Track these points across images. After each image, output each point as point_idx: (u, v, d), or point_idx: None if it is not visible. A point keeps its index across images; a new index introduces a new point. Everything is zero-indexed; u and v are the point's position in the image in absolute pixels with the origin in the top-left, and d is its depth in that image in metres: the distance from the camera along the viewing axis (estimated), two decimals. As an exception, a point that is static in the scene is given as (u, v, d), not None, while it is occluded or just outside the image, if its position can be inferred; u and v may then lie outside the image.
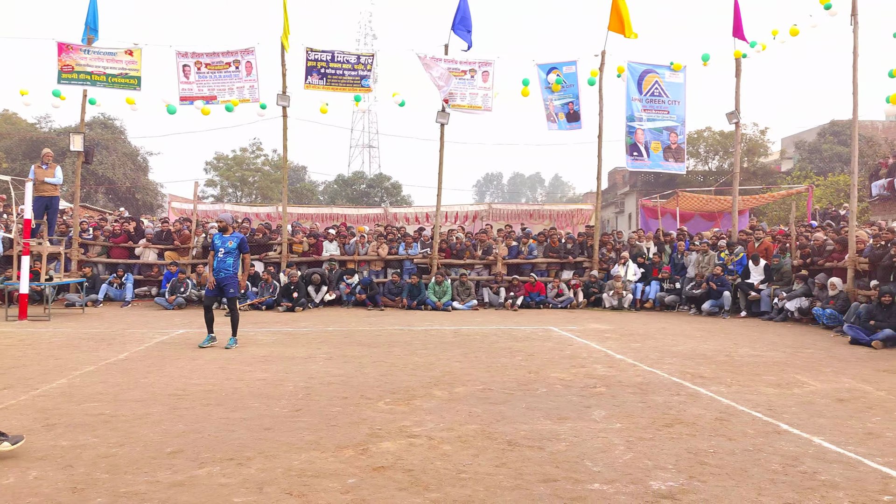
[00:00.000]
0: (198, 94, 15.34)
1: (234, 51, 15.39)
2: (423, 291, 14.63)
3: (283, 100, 15.43)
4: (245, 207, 26.20)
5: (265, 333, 10.06)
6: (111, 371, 6.83)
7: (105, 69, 15.01)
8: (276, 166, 43.83)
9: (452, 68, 15.62)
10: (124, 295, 14.52)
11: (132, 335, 9.62)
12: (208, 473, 3.78)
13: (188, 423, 4.83)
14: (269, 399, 5.65)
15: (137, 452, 4.14)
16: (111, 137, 37.51)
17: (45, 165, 13.72)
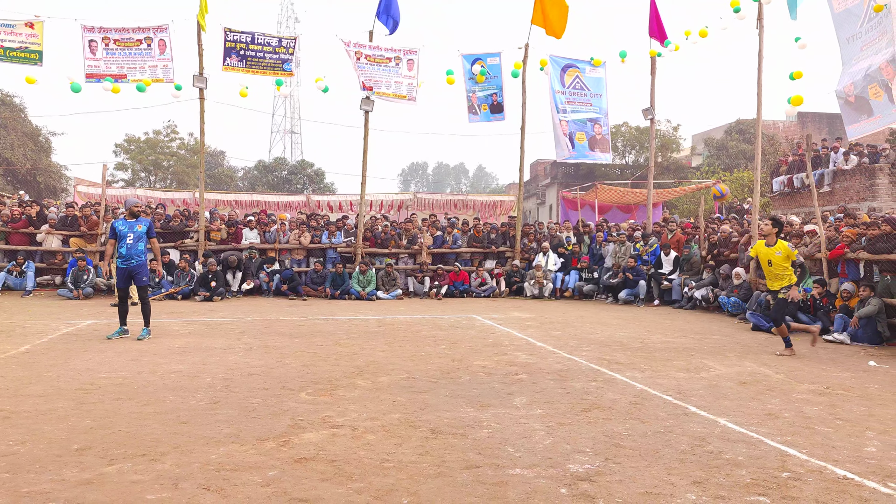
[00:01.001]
0: (105, 71, 14.52)
1: (146, 27, 14.65)
2: (347, 281, 14.48)
3: (200, 81, 14.84)
4: (160, 193, 25.07)
5: (181, 324, 9.69)
6: (10, 365, 6.40)
7: (3, 42, 13.97)
8: (192, 150, 42.13)
9: (377, 55, 15.46)
10: (25, 284, 13.62)
11: (34, 326, 9.05)
12: (119, 470, 3.62)
13: (96, 419, 4.60)
14: (184, 392, 5.45)
15: (41, 450, 3.91)
16: (10, 116, 34.94)
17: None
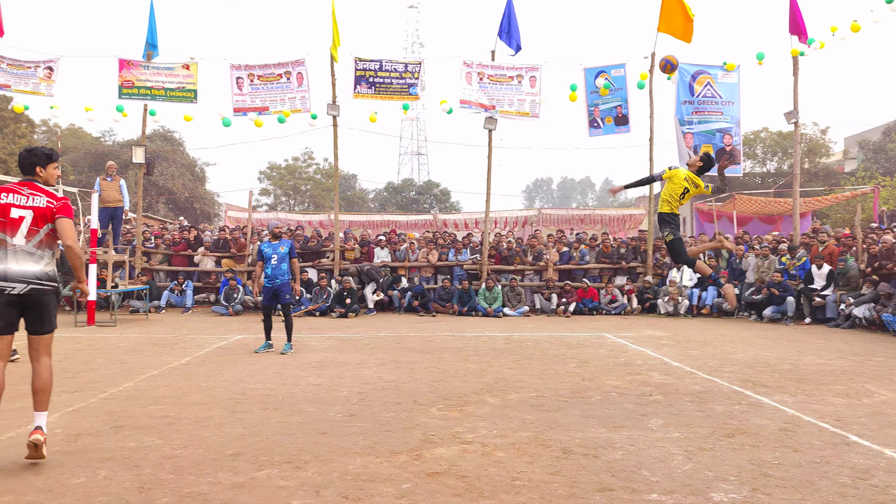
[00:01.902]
0: (251, 105, 15.76)
1: (286, 62, 15.76)
2: (474, 297, 14.63)
3: (334, 109, 15.71)
4: (298, 215, 26.73)
5: (319, 339, 10.23)
6: (174, 375, 7.06)
7: (163, 84, 15.60)
8: (327, 175, 44.62)
9: (499, 74, 15.63)
10: (184, 301, 15.00)
11: (193, 340, 9.92)
12: (267, 476, 3.86)
13: (247, 427, 4.95)
14: (323, 404, 5.74)
15: (200, 454, 4.26)
16: (171, 149, 38.88)
17: (110, 178, 14.34)
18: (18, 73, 15.34)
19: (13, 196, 4.10)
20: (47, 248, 4.17)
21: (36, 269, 4.09)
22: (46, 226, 4.14)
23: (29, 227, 4.08)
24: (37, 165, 4.28)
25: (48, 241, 4.18)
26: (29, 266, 4.07)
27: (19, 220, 4.06)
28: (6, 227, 4.05)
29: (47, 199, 4.17)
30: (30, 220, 4.09)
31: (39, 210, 4.12)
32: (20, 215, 4.07)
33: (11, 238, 4.05)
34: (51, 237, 4.19)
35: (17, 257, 4.05)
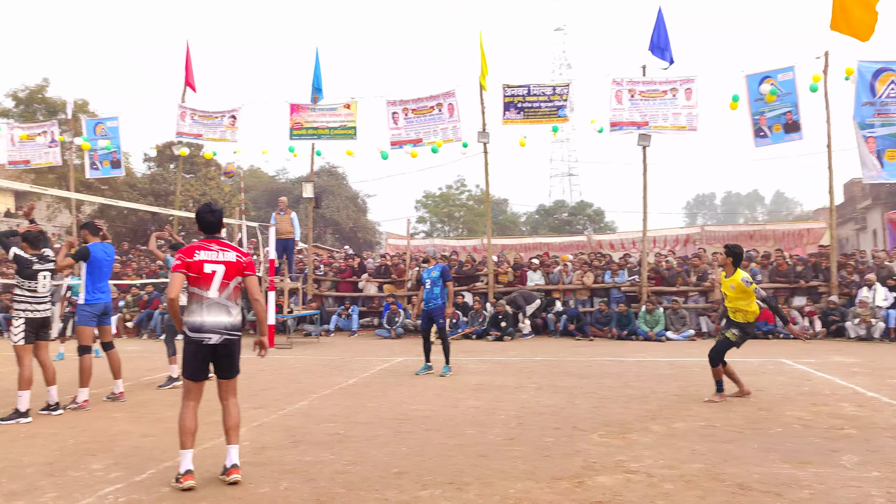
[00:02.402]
0: (406, 138, 16.53)
1: (437, 95, 16.37)
2: (633, 321, 14.07)
3: (484, 137, 16.03)
4: (452, 241, 27.46)
5: (476, 362, 10.37)
6: (343, 395, 7.49)
7: (327, 123, 16.85)
8: (479, 200, 45.48)
9: (651, 90, 15.09)
10: (351, 325, 15.92)
11: (359, 362, 10.48)
12: (431, 496, 3.97)
13: (411, 447, 5.12)
14: (482, 427, 5.79)
15: (368, 471, 4.48)
16: (336, 184, 41.78)
17: (282, 212, 15.71)
18: (208, 122, 17.37)
19: (205, 253, 4.40)
20: (236, 300, 4.48)
21: (227, 321, 4.38)
22: (236, 279, 4.45)
23: (221, 281, 4.38)
24: (222, 224, 4.63)
25: (236, 294, 4.48)
26: (222, 317, 4.36)
27: (212, 274, 4.36)
28: (200, 282, 4.35)
29: (236, 255, 4.48)
30: (221, 274, 4.38)
31: (230, 264, 4.42)
32: (213, 270, 4.36)
33: (206, 292, 4.35)
34: (238, 290, 4.50)
35: (211, 310, 4.34)
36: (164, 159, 30.89)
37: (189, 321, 4.32)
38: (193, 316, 4.32)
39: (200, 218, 4.56)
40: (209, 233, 4.55)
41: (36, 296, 6.58)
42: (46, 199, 32.82)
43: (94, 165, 18.14)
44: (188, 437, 4.23)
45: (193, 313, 4.32)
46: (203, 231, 4.56)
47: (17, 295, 6.56)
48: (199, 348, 4.32)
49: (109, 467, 4.66)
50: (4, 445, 5.35)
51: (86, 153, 18.06)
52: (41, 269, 6.66)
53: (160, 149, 29.88)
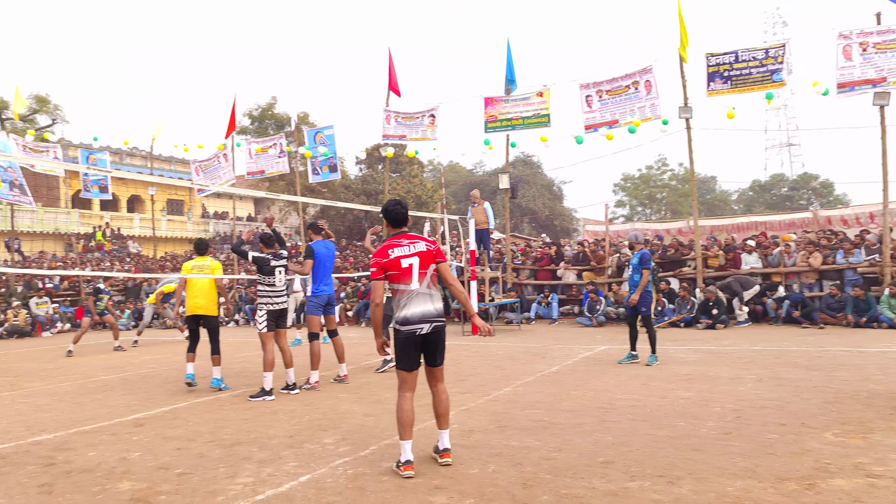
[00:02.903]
0: (600, 120, 16.06)
1: (633, 73, 15.67)
2: (874, 306, 12.32)
3: (686, 112, 15.03)
4: (655, 224, 26.21)
5: (685, 352, 9.82)
6: (546, 382, 7.55)
7: (521, 113, 16.96)
8: (683, 180, 42.88)
9: (888, 40, 13.00)
10: (551, 313, 15.94)
11: (560, 350, 10.47)
12: (640, 487, 3.85)
13: (616, 436, 5.01)
14: (694, 419, 5.48)
15: (573, 459, 4.47)
16: (531, 172, 41.99)
17: (476, 204, 16.15)
18: (409, 123, 18.41)
19: (398, 249, 4.51)
20: (435, 288, 4.59)
21: (432, 308, 4.50)
22: (430, 267, 4.56)
23: (419, 272, 4.50)
24: (408, 217, 4.75)
25: (434, 281, 4.60)
26: (427, 306, 4.48)
27: (409, 267, 4.48)
28: (401, 277, 4.48)
29: (425, 244, 4.60)
30: (417, 265, 4.50)
31: (422, 254, 4.53)
32: (409, 263, 4.48)
33: (409, 285, 4.47)
34: (434, 277, 4.61)
35: (417, 301, 4.47)
36: (372, 161, 33.41)
37: (399, 315, 4.48)
38: (402, 310, 4.47)
39: (389, 212, 4.69)
40: (397, 226, 4.68)
41: (274, 289, 7.52)
42: (278, 204, 37.21)
43: (315, 171, 20.15)
44: (407, 429, 4.38)
45: (402, 307, 4.48)
46: (392, 225, 4.69)
47: (259, 290, 7.57)
48: (411, 339, 4.45)
49: (338, 442, 5.19)
50: (254, 419, 6.20)
51: (308, 160, 20.13)
52: (276, 265, 7.60)
53: (369, 151, 32.36)
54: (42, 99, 35.15)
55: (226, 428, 5.83)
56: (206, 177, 20.64)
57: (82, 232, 32.36)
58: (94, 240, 31.01)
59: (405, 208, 4.74)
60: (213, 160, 20.60)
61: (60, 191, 35.02)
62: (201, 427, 5.90)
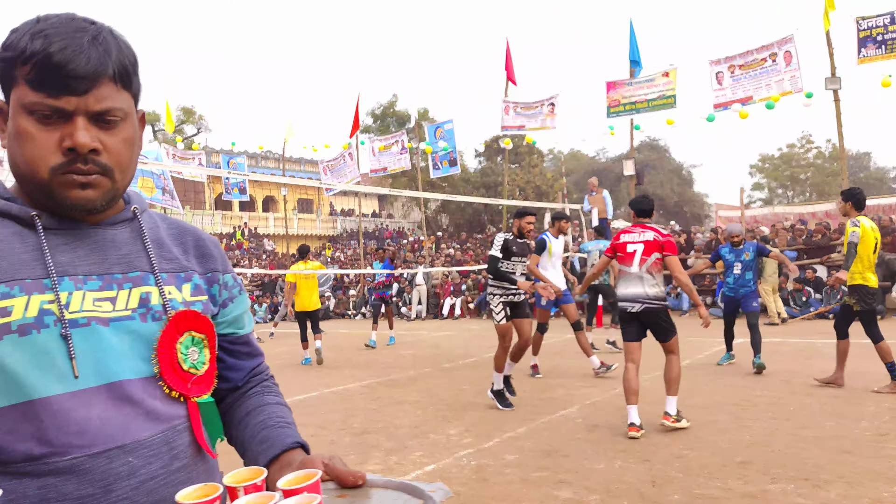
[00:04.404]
0: (732, 98, 15.04)
1: (770, 44, 14.52)
2: None
3: (833, 83, 13.73)
4: (798, 207, 24.25)
5: (833, 346, 9.00)
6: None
7: (646, 96, 16.26)
8: (831, 157, 39.30)
9: None
10: (681, 304, 15.22)
11: (691, 343, 9.93)
12: (782, 490, 3.59)
13: (754, 436, 4.70)
14: (845, 419, 5.02)
15: (707, 457, 4.24)
16: (657, 157, 40.24)
17: (593, 192, 15.67)
18: (528, 113, 18.24)
19: (628, 235, 5.26)
20: (654, 274, 5.12)
21: (641, 291, 5.09)
22: (654, 255, 5.11)
23: (640, 257, 5.13)
24: (652, 210, 5.41)
25: (655, 268, 5.13)
26: (636, 289, 5.10)
27: (633, 253, 5.17)
28: (625, 260, 5.19)
29: (654, 234, 5.19)
30: (640, 251, 5.14)
31: (648, 243, 5.14)
32: (633, 249, 5.17)
33: (629, 267, 5.16)
34: (657, 264, 5.14)
35: (630, 282, 5.14)
36: (491, 153, 33.45)
37: (618, 293, 5.26)
38: (619, 288, 5.24)
39: (633, 205, 5.45)
40: (640, 217, 5.37)
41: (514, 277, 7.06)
42: (401, 200, 38.24)
43: (436, 166, 20.50)
44: (631, 396, 4.94)
45: (619, 286, 5.25)
46: (637, 216, 5.39)
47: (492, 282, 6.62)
48: (625, 315, 5.18)
49: (462, 433, 5.27)
50: (381, 409, 6.43)
51: (429, 156, 20.53)
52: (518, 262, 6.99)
53: (488, 143, 32.45)
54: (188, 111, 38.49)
55: (355, 417, 6.10)
56: (334, 176, 21.62)
57: (224, 232, 35.03)
58: (234, 239, 33.50)
59: (646, 202, 5.42)
60: (339, 159, 21.53)
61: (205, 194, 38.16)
62: (332, 415, 6.21)
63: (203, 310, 1.07)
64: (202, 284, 1.11)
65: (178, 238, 1.14)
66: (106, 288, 0.98)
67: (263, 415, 1.14)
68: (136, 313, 0.99)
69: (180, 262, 1.09)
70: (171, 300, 1.03)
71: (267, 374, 1.27)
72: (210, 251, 1.16)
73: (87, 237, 1.00)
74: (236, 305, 1.18)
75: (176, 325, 1.01)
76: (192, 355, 1.03)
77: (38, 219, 0.97)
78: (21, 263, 0.93)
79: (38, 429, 0.88)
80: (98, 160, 0.94)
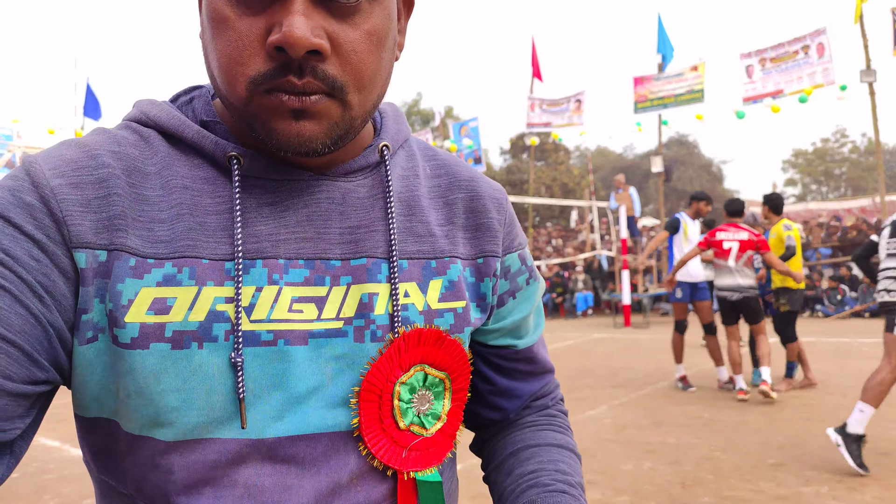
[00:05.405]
0: (762, 91, 14.77)
1: (802, 36, 14.23)
2: None
3: (868, 75, 13.39)
4: (832, 204, 23.74)
5: (871, 345, 8.80)
6: (705, 376, 7.12)
7: (673, 91, 16.03)
8: (867, 152, 38.35)
9: None
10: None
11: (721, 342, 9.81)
12: (815, 493, 3.52)
13: (787, 437, 4.61)
14: (881, 420, 4.90)
15: (738, 459, 4.17)
16: (686, 153, 39.71)
17: (620, 189, 15.48)
18: (554, 110, 18.14)
19: (723, 233, 5.97)
20: (747, 267, 5.93)
21: (737, 282, 5.90)
22: (747, 252, 5.87)
23: (737, 253, 5.87)
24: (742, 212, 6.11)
25: (748, 263, 5.93)
26: (734, 280, 5.92)
27: (728, 249, 5.89)
28: (721, 255, 5.93)
29: (748, 234, 5.91)
30: (736, 248, 5.87)
31: (743, 242, 5.87)
32: (729, 246, 5.89)
33: (725, 261, 5.91)
34: (749, 260, 5.92)
35: (727, 275, 5.94)
36: (516, 150, 33.37)
37: (716, 284, 6.07)
38: (717, 280, 6.06)
39: (726, 206, 6.17)
40: (731, 217, 6.10)
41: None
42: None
43: (462, 164, 20.47)
44: (737, 366, 5.91)
45: (717, 278, 6.06)
46: (728, 216, 6.13)
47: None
48: (724, 303, 6.03)
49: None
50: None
51: (454, 154, 20.52)
52: None
53: (513, 141, 32.37)
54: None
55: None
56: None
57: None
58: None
59: (735, 204, 6.15)
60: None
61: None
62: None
63: (455, 324, 0.68)
64: (466, 277, 0.71)
65: (444, 193, 0.73)
66: (315, 282, 0.63)
67: (535, 462, 0.74)
68: (351, 326, 0.63)
69: (436, 240, 0.69)
70: (405, 307, 0.66)
71: (554, 398, 0.85)
72: (488, 216, 0.74)
73: (306, 194, 0.64)
74: (520, 303, 0.77)
75: (400, 352, 0.64)
76: (418, 404, 0.67)
77: (238, 162, 0.62)
78: (203, 231, 0.60)
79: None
80: (323, 70, 0.56)
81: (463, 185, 0.74)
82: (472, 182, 0.74)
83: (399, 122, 0.74)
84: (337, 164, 0.67)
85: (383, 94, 0.64)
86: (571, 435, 0.81)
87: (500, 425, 0.82)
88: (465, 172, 0.75)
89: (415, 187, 0.71)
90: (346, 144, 0.65)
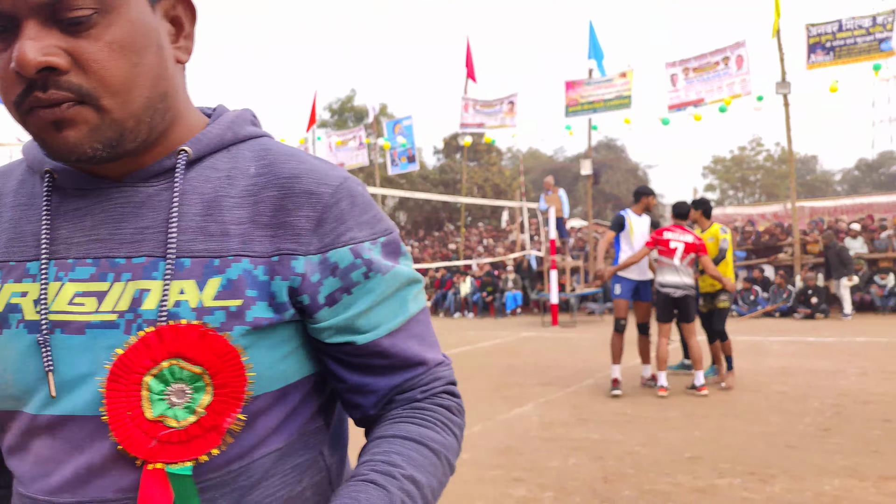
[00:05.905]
0: (685, 99, 15.38)
1: (723, 48, 14.91)
2: None
3: (783, 87, 14.17)
4: (747, 208, 24.97)
5: (781, 343, 9.30)
6: (631, 374, 7.32)
7: (603, 96, 16.48)
8: (780, 160, 40.58)
9: None
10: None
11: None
12: (729, 485, 3.67)
13: (705, 432, 4.80)
14: (790, 415, 5.17)
15: (658, 454, 4.31)
16: (614, 157, 40.91)
17: (549, 191, 15.75)
18: (487, 111, 18.30)
19: (670, 233, 6.12)
20: (689, 267, 6.10)
21: (680, 280, 6.01)
22: (690, 255, 6.04)
23: (682, 254, 6.02)
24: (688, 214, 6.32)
25: (690, 263, 6.11)
26: (677, 278, 6.02)
27: (674, 249, 6.03)
28: (666, 253, 6.05)
29: (693, 238, 6.10)
30: (681, 249, 6.02)
31: (688, 244, 6.04)
32: (675, 246, 6.04)
33: (670, 260, 6.02)
34: (691, 261, 6.10)
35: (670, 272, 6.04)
36: (450, 150, 33.50)
37: (658, 280, 6.16)
38: (660, 277, 6.14)
39: (674, 209, 6.35)
40: (678, 219, 6.28)
41: None
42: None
43: (394, 162, 20.41)
44: (663, 363, 6.08)
45: (659, 275, 6.14)
46: (675, 218, 6.29)
47: None
48: (665, 299, 6.13)
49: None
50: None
51: (387, 152, 20.41)
52: None
53: (447, 141, 32.47)
54: None
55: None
56: (292, 171, 21.30)
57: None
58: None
59: (681, 207, 6.34)
60: (298, 154, 21.23)
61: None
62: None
63: (227, 322, 0.69)
64: (257, 276, 0.70)
65: (257, 192, 0.73)
66: (99, 277, 0.69)
67: (368, 455, 0.74)
68: (123, 319, 0.68)
69: (227, 239, 0.70)
70: (177, 303, 0.68)
71: (427, 390, 0.81)
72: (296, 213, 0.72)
73: (106, 199, 0.72)
74: (357, 299, 0.74)
75: (149, 345, 0.67)
76: (172, 397, 0.68)
77: (51, 176, 0.72)
78: (20, 239, 0.72)
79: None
80: (67, 81, 0.62)
81: (279, 183, 0.73)
82: (291, 180, 0.73)
83: (231, 126, 0.77)
84: (137, 169, 0.72)
85: (155, 96, 0.68)
86: (443, 427, 0.79)
87: (368, 421, 0.83)
88: (289, 171, 0.74)
89: (222, 188, 0.73)
90: (144, 149, 0.71)
